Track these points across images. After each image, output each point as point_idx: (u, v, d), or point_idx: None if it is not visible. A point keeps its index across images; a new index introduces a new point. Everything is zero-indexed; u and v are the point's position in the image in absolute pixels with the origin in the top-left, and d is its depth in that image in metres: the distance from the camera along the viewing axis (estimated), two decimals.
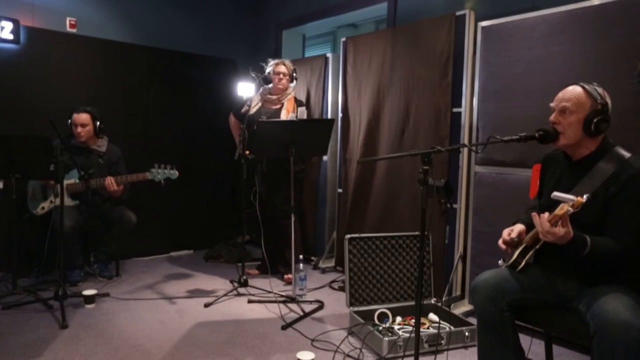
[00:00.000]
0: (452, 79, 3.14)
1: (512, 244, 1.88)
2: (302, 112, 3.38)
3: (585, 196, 1.56)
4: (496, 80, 2.90)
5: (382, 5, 4.07)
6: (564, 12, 2.61)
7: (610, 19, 2.43)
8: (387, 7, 4.02)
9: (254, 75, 3.53)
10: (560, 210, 1.58)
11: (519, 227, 1.90)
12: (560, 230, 1.59)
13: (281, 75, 3.50)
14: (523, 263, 1.84)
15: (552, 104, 1.85)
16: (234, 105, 3.68)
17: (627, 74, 2.36)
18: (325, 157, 4.05)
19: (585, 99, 1.76)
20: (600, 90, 1.79)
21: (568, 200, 1.57)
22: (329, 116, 4.06)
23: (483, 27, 2.97)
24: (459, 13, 3.13)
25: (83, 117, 3.42)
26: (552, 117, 1.83)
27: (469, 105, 3.09)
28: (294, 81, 3.62)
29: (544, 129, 1.83)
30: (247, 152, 3.38)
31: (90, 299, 3.02)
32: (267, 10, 5.24)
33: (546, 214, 1.64)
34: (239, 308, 3.09)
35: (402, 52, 3.47)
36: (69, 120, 3.43)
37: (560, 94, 1.83)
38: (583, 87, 1.78)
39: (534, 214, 1.67)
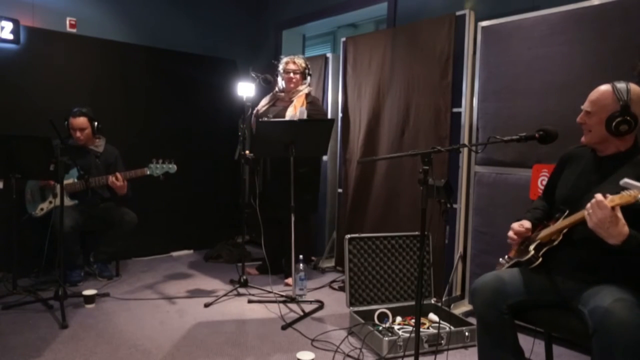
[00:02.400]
0: (452, 79, 3.14)
1: (523, 235, 1.87)
2: (302, 112, 3.38)
3: None
4: (496, 80, 2.90)
5: (382, 5, 4.07)
6: (564, 12, 2.61)
7: (610, 19, 2.43)
8: (387, 7, 4.02)
9: (254, 75, 3.52)
10: (629, 196, 1.46)
11: (527, 222, 1.90)
12: (619, 213, 1.49)
13: (291, 74, 3.48)
14: (540, 260, 1.80)
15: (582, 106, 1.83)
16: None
17: (627, 74, 2.35)
18: (325, 157, 4.05)
19: (609, 99, 1.73)
20: (629, 89, 1.72)
21: (638, 189, 1.46)
22: (329, 116, 4.06)
23: (483, 27, 2.97)
24: (459, 13, 3.13)
25: (80, 120, 3.40)
26: (578, 118, 1.82)
27: (469, 105, 3.09)
28: (308, 77, 3.57)
29: (544, 129, 1.83)
30: (247, 152, 3.38)
31: (90, 299, 3.02)
32: (267, 10, 5.24)
33: (608, 196, 1.53)
34: (239, 308, 3.09)
35: (402, 52, 3.47)
36: (66, 122, 3.41)
37: (590, 94, 1.81)
38: (612, 86, 1.74)
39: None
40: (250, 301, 3.19)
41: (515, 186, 2.79)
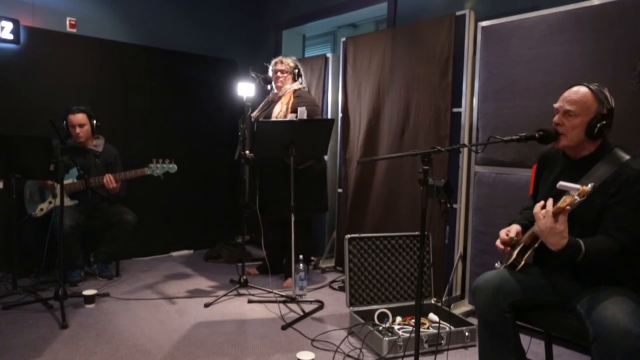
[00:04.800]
0: (452, 79, 3.14)
1: (510, 244, 1.88)
2: (302, 112, 3.37)
3: (590, 185, 1.53)
4: (496, 80, 2.90)
5: (382, 5, 4.07)
6: (564, 12, 2.61)
7: (610, 19, 2.43)
8: (387, 7, 4.02)
9: (254, 75, 3.52)
10: (562, 202, 1.56)
11: (515, 227, 1.90)
12: (560, 225, 1.57)
13: (279, 73, 3.49)
14: (522, 262, 1.83)
15: (556, 105, 1.82)
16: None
17: (627, 74, 2.36)
18: (325, 157, 4.05)
19: (591, 102, 1.74)
20: (606, 92, 1.77)
21: (574, 190, 1.55)
22: (329, 116, 4.06)
23: (483, 27, 2.97)
24: (459, 13, 3.13)
25: (79, 117, 3.41)
26: (556, 119, 1.80)
27: (469, 105, 3.09)
28: (299, 78, 3.57)
29: (544, 129, 1.83)
30: (247, 152, 3.38)
31: (90, 299, 3.02)
32: (267, 10, 5.24)
33: (550, 202, 1.61)
34: (239, 308, 3.09)
35: (402, 52, 3.47)
36: (64, 122, 3.42)
37: (566, 94, 1.80)
38: (590, 89, 1.76)
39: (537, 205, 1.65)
40: (250, 301, 3.19)
41: (515, 186, 2.79)
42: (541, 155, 2.03)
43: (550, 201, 1.62)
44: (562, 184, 1.64)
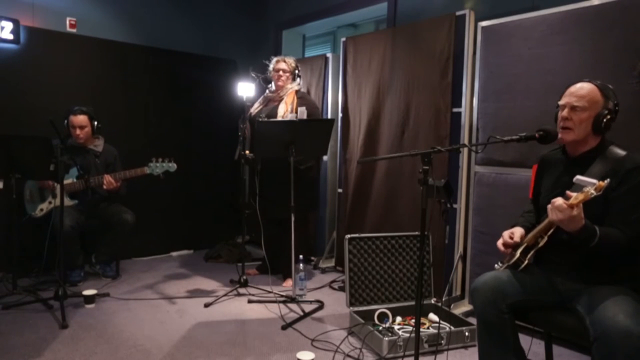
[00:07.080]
0: (452, 79, 3.14)
1: (512, 247, 1.88)
2: (302, 112, 3.37)
3: (607, 180, 1.53)
4: (496, 80, 2.90)
5: (382, 5, 4.07)
6: (564, 12, 2.61)
7: (610, 19, 2.43)
8: (387, 7, 4.02)
9: (254, 75, 3.53)
10: (575, 199, 1.55)
11: (519, 231, 1.90)
12: (574, 211, 1.56)
13: (281, 72, 3.49)
14: (526, 262, 1.83)
15: (561, 102, 1.82)
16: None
17: (627, 74, 2.36)
18: (325, 157, 4.05)
19: (599, 96, 1.76)
20: (611, 88, 1.79)
21: (590, 184, 1.55)
22: (329, 116, 4.06)
23: (483, 27, 2.97)
24: (459, 13, 3.13)
25: (81, 118, 3.41)
26: (564, 113, 1.80)
27: (469, 105, 3.09)
28: (298, 78, 3.59)
29: (544, 129, 1.83)
30: (247, 152, 3.38)
31: (90, 299, 3.02)
32: (267, 10, 5.24)
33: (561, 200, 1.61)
34: (239, 308, 3.09)
35: (402, 52, 3.47)
36: (65, 121, 3.42)
37: (572, 90, 1.80)
38: (595, 85, 1.78)
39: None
40: (250, 301, 3.19)
41: (515, 186, 2.79)
42: (541, 159, 2.03)
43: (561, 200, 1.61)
44: (579, 177, 1.64)
